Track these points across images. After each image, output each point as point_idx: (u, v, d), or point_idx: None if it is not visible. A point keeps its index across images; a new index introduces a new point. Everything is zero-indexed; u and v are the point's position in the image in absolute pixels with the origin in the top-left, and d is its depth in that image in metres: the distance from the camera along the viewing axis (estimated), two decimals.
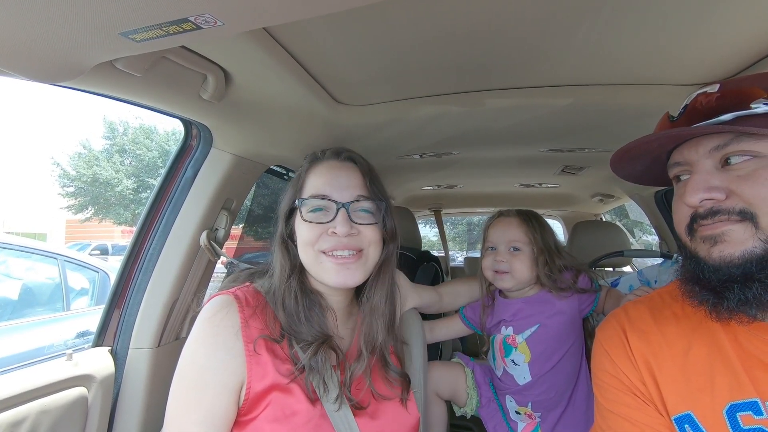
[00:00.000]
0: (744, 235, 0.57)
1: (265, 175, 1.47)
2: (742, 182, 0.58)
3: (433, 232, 11.01)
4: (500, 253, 1.23)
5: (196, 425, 0.71)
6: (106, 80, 0.74)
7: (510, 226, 1.25)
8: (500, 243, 1.24)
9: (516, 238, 1.23)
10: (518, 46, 0.84)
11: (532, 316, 1.22)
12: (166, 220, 1.18)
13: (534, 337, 1.20)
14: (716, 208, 0.59)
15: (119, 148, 20.90)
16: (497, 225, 1.27)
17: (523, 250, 1.22)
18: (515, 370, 1.23)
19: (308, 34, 0.78)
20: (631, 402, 0.68)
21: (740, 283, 0.57)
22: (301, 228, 0.86)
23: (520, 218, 1.25)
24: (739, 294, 0.57)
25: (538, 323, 1.20)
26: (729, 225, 0.58)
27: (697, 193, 0.60)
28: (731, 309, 0.59)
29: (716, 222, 0.59)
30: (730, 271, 0.58)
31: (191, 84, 0.85)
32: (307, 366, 0.77)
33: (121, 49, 0.56)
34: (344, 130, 1.21)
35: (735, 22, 0.74)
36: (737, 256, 0.57)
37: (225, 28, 0.51)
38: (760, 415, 0.57)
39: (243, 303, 0.79)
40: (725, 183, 0.59)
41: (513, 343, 1.23)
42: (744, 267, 0.57)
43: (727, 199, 0.59)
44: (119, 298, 1.19)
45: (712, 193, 0.59)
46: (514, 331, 1.23)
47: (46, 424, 0.93)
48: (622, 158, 0.71)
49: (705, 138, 0.61)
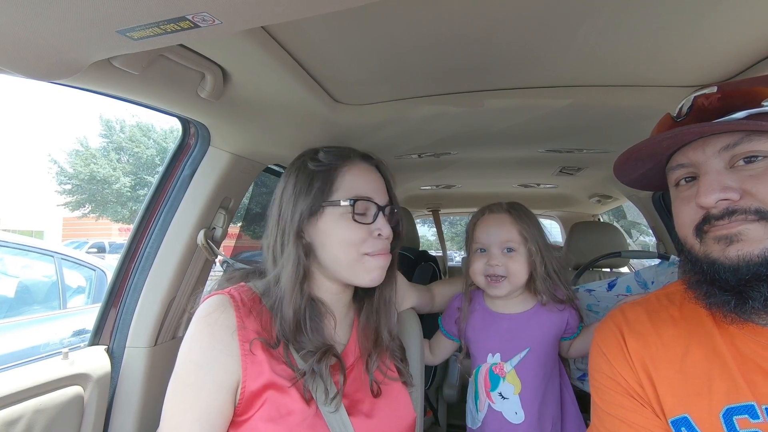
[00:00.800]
0: (762, 234, 0.57)
1: (263, 174, 1.46)
2: (756, 181, 0.57)
3: (431, 232, 11.02)
4: (493, 256, 1.08)
5: (193, 424, 0.71)
6: (104, 78, 0.74)
7: (502, 224, 1.09)
8: (492, 244, 1.09)
9: (510, 237, 1.08)
10: (517, 46, 0.83)
11: (521, 339, 1.08)
12: (164, 219, 1.17)
13: (523, 363, 1.06)
14: (732, 207, 0.58)
15: (116, 146, 20.82)
16: (487, 223, 1.11)
17: (518, 251, 1.08)
18: (504, 405, 1.06)
19: (307, 33, 0.78)
20: (628, 404, 0.68)
21: (765, 281, 0.56)
22: (340, 228, 0.83)
23: (512, 215, 1.10)
24: (766, 293, 0.56)
25: (528, 347, 1.07)
26: (746, 224, 0.58)
27: (713, 193, 0.59)
28: (757, 309, 0.58)
29: (733, 222, 0.58)
30: (750, 270, 0.57)
31: (189, 82, 0.85)
32: (308, 372, 0.77)
33: (119, 47, 0.55)
34: (343, 129, 1.20)
35: (733, 24, 0.74)
36: (756, 254, 0.57)
37: (223, 27, 0.50)
38: (756, 418, 0.57)
39: (239, 302, 0.79)
40: (739, 183, 0.58)
41: (500, 373, 1.08)
42: (764, 266, 0.56)
43: (741, 199, 0.58)
44: (116, 297, 1.18)
45: (727, 193, 0.58)
46: (502, 357, 1.08)
47: (42, 422, 0.93)
48: (628, 160, 0.70)
49: (712, 138, 0.61)
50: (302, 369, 0.77)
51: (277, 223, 0.86)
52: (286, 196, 0.87)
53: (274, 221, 0.87)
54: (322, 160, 0.87)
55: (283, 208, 0.86)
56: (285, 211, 0.86)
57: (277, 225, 0.86)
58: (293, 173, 0.89)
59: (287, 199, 0.86)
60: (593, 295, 1.40)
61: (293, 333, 0.80)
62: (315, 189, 0.84)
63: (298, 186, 0.86)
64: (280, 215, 0.86)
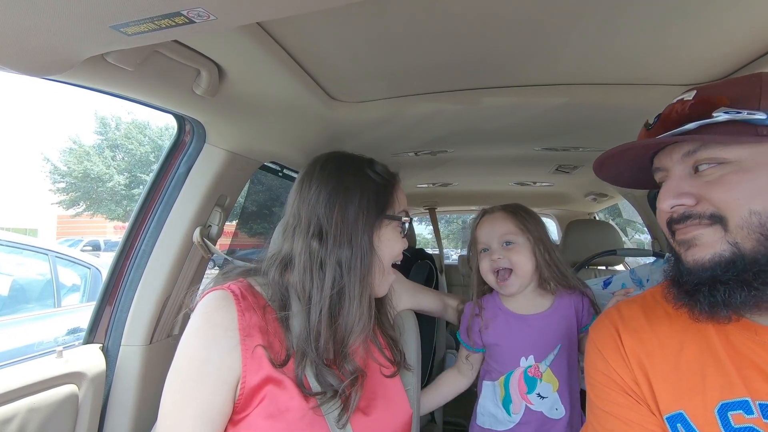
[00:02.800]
0: (714, 238, 0.59)
1: (259, 172, 1.46)
2: (711, 187, 0.60)
3: (427, 230, 11.04)
4: (495, 251, 1.11)
5: (192, 419, 0.71)
6: (98, 74, 0.73)
7: (497, 221, 1.15)
8: (492, 240, 1.13)
9: (507, 230, 1.12)
10: (513, 44, 0.83)
11: (552, 337, 1.09)
12: (159, 217, 1.17)
13: (558, 360, 1.07)
14: (687, 213, 0.62)
15: (111, 144, 20.68)
16: (485, 223, 1.17)
17: (518, 242, 1.11)
18: (543, 404, 1.07)
19: (303, 29, 0.77)
20: (623, 401, 0.69)
21: (708, 285, 0.59)
22: (393, 241, 0.89)
23: (506, 211, 1.16)
24: (708, 297, 0.59)
25: (560, 344, 1.08)
26: (700, 229, 0.60)
27: (667, 199, 0.63)
28: (704, 312, 0.61)
29: (688, 226, 0.62)
30: (700, 274, 0.60)
31: (184, 79, 0.84)
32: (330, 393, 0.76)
33: (112, 43, 0.55)
34: (339, 127, 1.20)
35: (729, 22, 0.74)
36: (707, 260, 0.60)
37: (218, 23, 0.50)
38: (751, 414, 0.58)
39: (239, 297, 0.78)
40: (695, 189, 0.61)
41: (536, 374, 1.08)
42: (712, 270, 0.59)
43: (697, 204, 0.61)
44: (111, 295, 1.17)
45: (681, 198, 0.62)
46: (536, 359, 1.08)
47: (36, 421, 0.92)
48: (603, 165, 0.73)
49: (678, 145, 0.63)
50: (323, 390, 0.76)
51: (339, 228, 0.81)
52: (353, 201, 0.83)
53: (331, 225, 0.81)
54: (381, 173, 0.90)
55: (350, 213, 0.82)
56: (353, 217, 0.82)
57: (338, 231, 0.81)
58: (354, 179, 0.85)
59: (355, 205, 0.83)
60: None
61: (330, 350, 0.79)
62: (383, 200, 0.87)
63: (367, 194, 0.84)
64: (344, 220, 0.81)
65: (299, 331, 0.78)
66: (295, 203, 0.86)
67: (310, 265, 0.80)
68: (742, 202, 0.57)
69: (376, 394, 0.87)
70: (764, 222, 0.56)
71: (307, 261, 0.81)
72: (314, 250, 0.81)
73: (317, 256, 0.80)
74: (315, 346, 0.77)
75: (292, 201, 0.88)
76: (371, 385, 0.87)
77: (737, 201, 0.57)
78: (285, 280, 0.83)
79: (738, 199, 0.57)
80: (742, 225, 0.57)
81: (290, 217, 0.87)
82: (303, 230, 0.83)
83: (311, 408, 0.75)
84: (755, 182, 0.57)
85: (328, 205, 0.82)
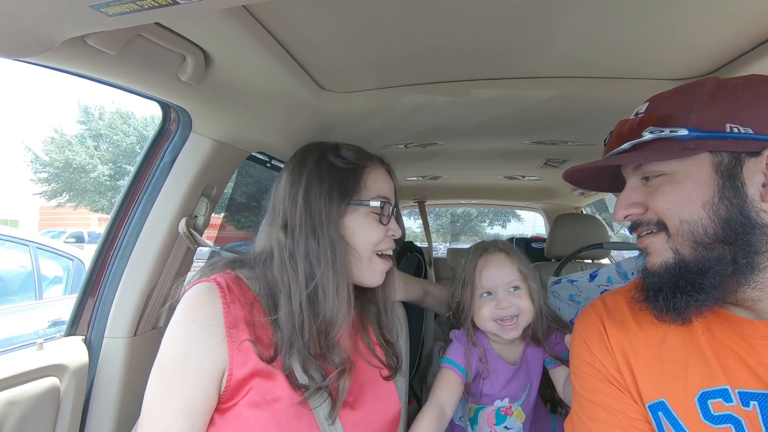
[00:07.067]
0: (661, 246, 0.63)
1: (246, 162, 1.44)
2: (653, 196, 0.63)
3: (417, 224, 11.07)
4: (503, 299, 1.05)
5: (175, 412, 0.70)
6: (77, 57, 0.70)
7: (504, 265, 1.08)
8: (498, 286, 1.07)
9: (513, 276, 1.07)
10: (503, 36, 0.83)
11: (525, 380, 1.09)
12: (143, 207, 1.14)
13: (528, 398, 1.10)
14: (638, 221, 0.66)
15: (94, 133, 20.19)
16: (490, 267, 1.08)
17: (522, 288, 1.07)
18: None
19: (292, 16, 0.76)
20: (607, 390, 0.70)
21: (654, 291, 0.63)
22: (366, 227, 0.85)
23: (509, 254, 1.11)
24: (664, 303, 0.62)
25: (530, 382, 1.10)
26: (651, 237, 0.65)
27: (619, 209, 0.67)
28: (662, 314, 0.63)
29: (642, 235, 0.66)
30: (651, 280, 0.64)
31: (169, 64, 0.82)
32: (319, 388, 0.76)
33: (92, 24, 0.52)
34: (328, 117, 1.19)
35: (717, 18, 0.75)
36: (657, 266, 0.64)
37: (203, 4, 0.48)
38: (730, 402, 0.59)
39: (225, 289, 0.77)
40: (643, 198, 0.65)
41: (507, 413, 1.10)
42: (659, 277, 0.63)
43: (647, 212, 0.65)
44: (93, 286, 1.15)
45: (630, 209, 0.66)
46: (510, 401, 1.09)
47: (16, 415, 0.90)
48: (573, 178, 0.76)
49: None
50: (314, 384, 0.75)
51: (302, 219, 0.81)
52: (312, 190, 0.82)
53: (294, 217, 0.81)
54: (346, 156, 0.87)
55: (310, 203, 0.81)
56: (314, 207, 0.81)
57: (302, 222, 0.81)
58: (314, 166, 0.84)
59: (315, 194, 0.82)
60: (575, 286, 1.43)
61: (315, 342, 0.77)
62: (345, 186, 0.83)
63: (327, 181, 0.83)
64: (305, 210, 0.81)
65: (285, 323, 0.78)
66: (271, 197, 0.88)
67: (282, 259, 0.81)
68: (674, 212, 0.61)
69: (364, 389, 0.87)
70: (693, 230, 0.59)
71: (280, 254, 0.81)
72: (282, 243, 0.81)
73: (287, 248, 0.80)
74: (300, 336, 0.77)
75: (271, 195, 0.89)
76: (359, 380, 0.87)
77: (669, 210, 0.61)
78: (269, 273, 0.83)
79: (670, 209, 0.61)
80: (677, 233, 0.61)
81: (269, 210, 0.89)
82: (276, 224, 0.84)
83: (299, 400, 0.75)
84: (683, 193, 0.60)
85: (289, 196, 0.83)
